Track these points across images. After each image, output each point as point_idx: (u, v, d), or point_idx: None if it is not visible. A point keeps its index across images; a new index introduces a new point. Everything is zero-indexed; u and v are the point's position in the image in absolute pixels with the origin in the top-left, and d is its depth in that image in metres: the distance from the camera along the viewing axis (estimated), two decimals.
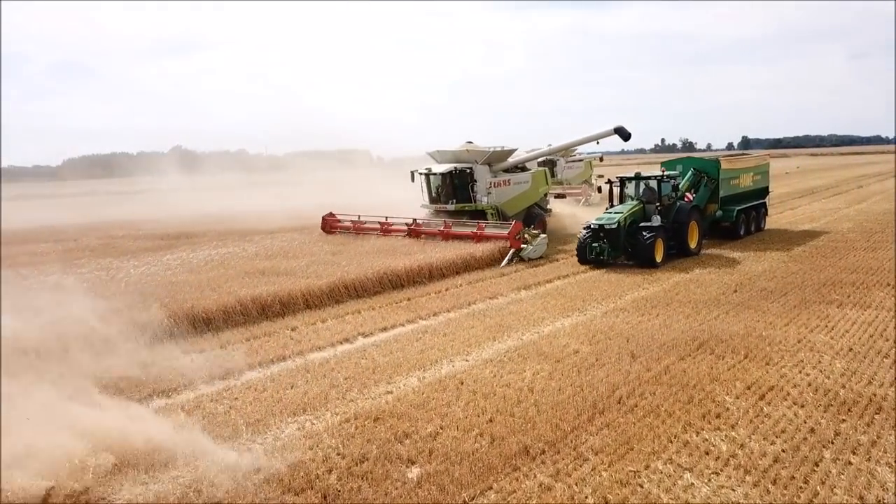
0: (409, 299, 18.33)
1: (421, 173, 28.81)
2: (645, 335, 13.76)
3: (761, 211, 30.09)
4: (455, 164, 28.44)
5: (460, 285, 19.70)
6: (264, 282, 18.76)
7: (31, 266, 23.06)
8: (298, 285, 18.11)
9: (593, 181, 52.75)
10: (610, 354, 12.61)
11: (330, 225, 29.89)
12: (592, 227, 22.17)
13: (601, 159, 55.48)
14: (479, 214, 27.47)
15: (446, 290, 19.39)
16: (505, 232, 24.27)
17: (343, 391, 11.30)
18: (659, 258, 21.72)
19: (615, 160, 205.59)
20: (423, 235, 26.09)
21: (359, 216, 29.24)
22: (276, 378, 12.10)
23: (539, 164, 48.03)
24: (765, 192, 30.87)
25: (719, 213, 26.66)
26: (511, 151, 30.03)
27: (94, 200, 67.33)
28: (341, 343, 14.39)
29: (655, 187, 23.48)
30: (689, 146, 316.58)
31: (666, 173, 23.95)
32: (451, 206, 27.91)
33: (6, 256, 25.84)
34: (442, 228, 25.84)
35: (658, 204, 23.04)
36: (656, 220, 22.57)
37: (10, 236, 33.98)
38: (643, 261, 21.52)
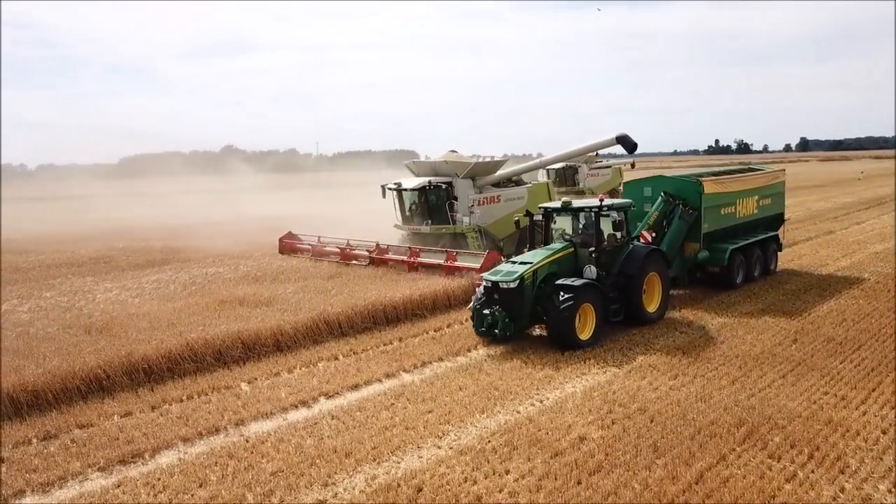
0: (400, 339, 15.54)
1: (390, 188, 24.46)
2: (675, 413, 10.66)
3: (770, 248, 21.80)
4: (429, 179, 23.99)
5: (465, 321, 16.75)
6: (234, 316, 16.20)
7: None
8: (270, 322, 15.47)
9: (621, 190, 49.17)
10: (625, 445, 9.57)
11: (289, 247, 26.25)
12: (485, 284, 15.17)
13: (633, 166, 51.03)
14: (460, 238, 23.53)
15: (447, 326, 16.56)
16: (477, 265, 19.54)
17: (261, 496, 8.55)
18: (586, 334, 14.43)
19: (665, 161, 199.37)
20: (390, 263, 22.22)
21: (318, 238, 25.48)
22: (189, 468, 9.41)
23: (556, 172, 44.40)
24: (777, 220, 22.81)
25: (704, 254, 19.23)
26: (500, 163, 25.48)
27: (131, 202, 66.40)
28: (296, 407, 11.68)
29: (590, 223, 16.09)
30: (743, 147, 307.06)
31: (607, 202, 16.10)
32: (425, 228, 23.83)
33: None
34: (407, 257, 21.65)
35: (593, 249, 15.69)
36: (590, 272, 15.41)
37: (14, 244, 32.49)
38: (557, 339, 14.39)
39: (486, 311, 14.64)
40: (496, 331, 14.51)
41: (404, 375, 13.17)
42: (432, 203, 23.97)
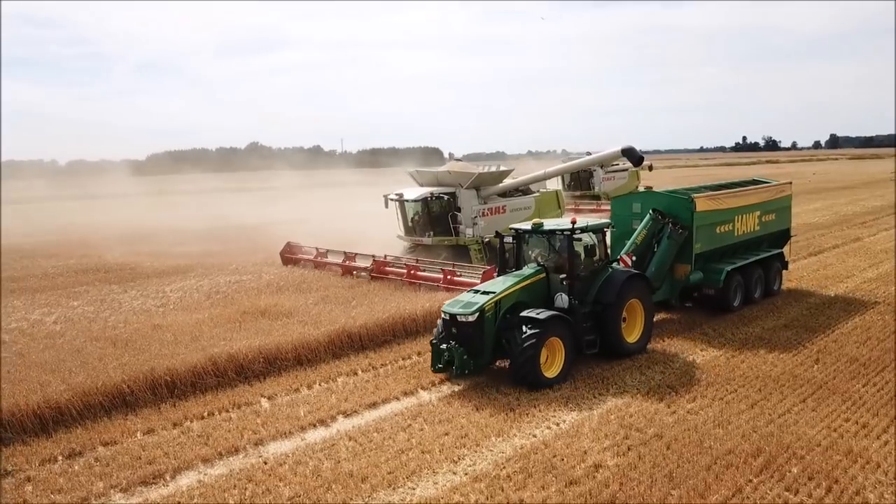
0: (419, 354, 15.60)
1: (392, 199, 23.93)
2: (692, 440, 10.60)
3: (773, 267, 20.36)
4: (431, 190, 23.53)
5: None
6: (256, 328, 16.44)
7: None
8: (291, 336, 15.64)
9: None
10: (641, 475, 9.55)
11: (291, 259, 25.51)
12: (443, 316, 13.96)
13: (650, 168, 50.15)
14: (462, 250, 23.10)
15: None
16: (476, 280, 18.69)
17: None
18: (553, 372, 13.18)
19: (690, 159, 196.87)
20: (390, 276, 21.70)
21: (316, 249, 24.92)
22: (209, 491, 9.57)
23: (571, 176, 43.84)
24: (782, 237, 21.44)
25: (696, 275, 17.95)
26: (505, 173, 25.08)
27: (158, 202, 67.32)
28: (314, 426, 11.81)
29: (563, 246, 14.67)
30: (772, 144, 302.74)
31: (581, 223, 14.72)
32: (427, 240, 23.44)
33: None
34: (405, 272, 21.18)
35: (565, 276, 14.38)
36: (561, 301, 14.27)
37: (43, 247, 33.15)
38: (519, 378, 13.07)
39: (444, 347, 13.47)
40: (457, 369, 13.33)
41: (422, 393, 13.24)
42: (435, 214, 23.61)
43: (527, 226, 15.05)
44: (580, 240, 14.57)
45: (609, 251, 15.68)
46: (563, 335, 13.43)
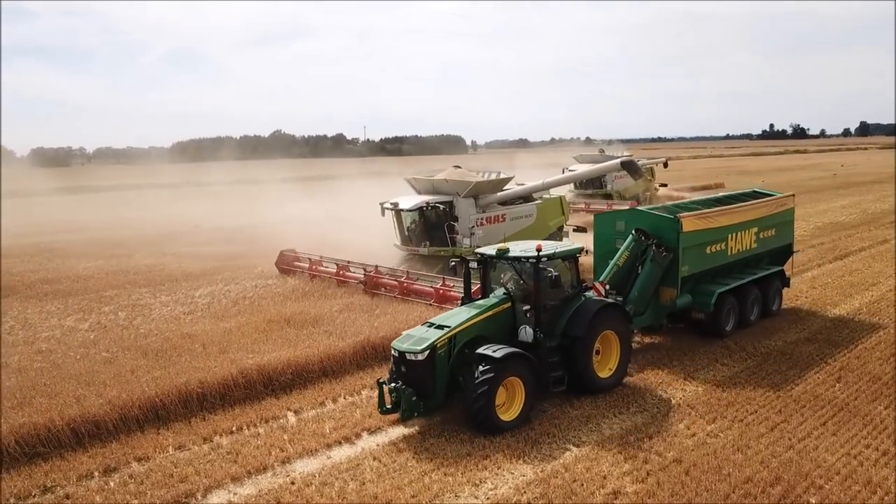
0: None
1: (387, 208, 23.23)
2: (711, 465, 10.72)
3: (772, 286, 19.00)
4: (427, 199, 22.92)
5: None
6: (283, 338, 16.82)
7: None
8: (318, 348, 15.96)
9: (657, 190, 47.47)
10: (660, 502, 9.73)
11: (288, 268, 24.67)
12: (393, 353, 12.90)
13: (665, 164, 49.33)
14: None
15: None
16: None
17: None
18: (511, 414, 12.24)
19: (716, 147, 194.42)
20: (383, 289, 20.82)
21: (310, 258, 24.11)
22: None
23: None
24: (783, 253, 20.17)
25: (683, 299, 16.69)
26: (504, 181, 24.41)
27: (185, 195, 68.12)
28: (339, 443, 12.12)
29: (528, 275, 13.51)
30: (800, 132, 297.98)
31: (548, 251, 13.47)
32: (423, 250, 22.91)
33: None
34: (400, 281, 20.40)
35: (528, 307, 13.44)
36: (525, 334, 13.31)
37: (77, 245, 33.85)
38: (471, 421, 12.11)
39: (393, 386, 12.50)
40: (406, 411, 12.23)
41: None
42: (431, 224, 23.06)
43: (491, 250, 13.92)
44: (546, 266, 13.20)
45: (579, 279, 14.21)
46: (524, 375, 12.37)
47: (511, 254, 13.56)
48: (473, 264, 14.18)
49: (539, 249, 13.26)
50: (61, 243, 35.16)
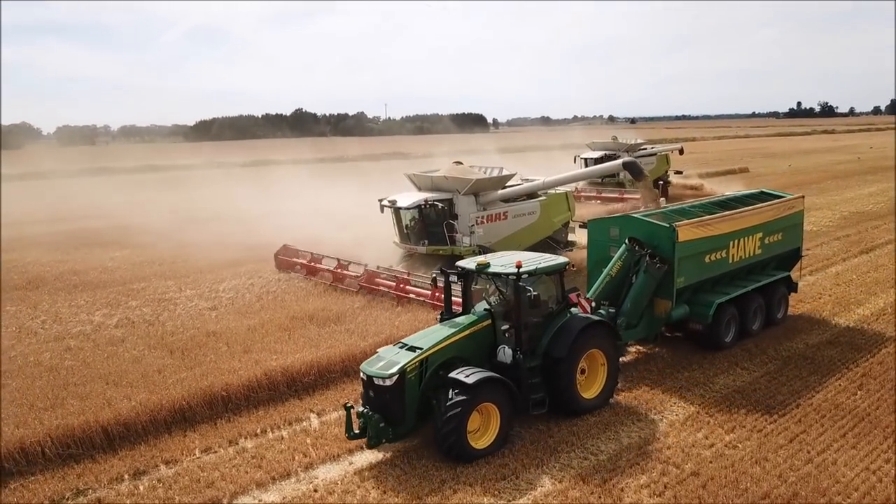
0: None
1: (385, 205, 22.57)
2: (729, 479, 10.81)
3: (777, 293, 18.22)
4: (426, 196, 22.22)
5: None
6: (305, 338, 17.08)
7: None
8: (340, 348, 16.20)
9: (671, 178, 46.38)
10: None
11: (286, 264, 24.30)
12: (362, 375, 12.29)
13: (681, 151, 48.26)
14: (457, 260, 21.98)
15: None
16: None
17: None
18: (485, 441, 11.72)
19: (742, 126, 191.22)
20: (381, 289, 20.32)
21: (311, 254, 23.56)
22: None
23: (595, 162, 42.05)
24: (790, 258, 19.30)
25: (680, 311, 15.99)
26: (506, 178, 23.63)
27: (211, 177, 68.55)
28: (361, 449, 12.31)
29: (508, 292, 12.98)
30: (828, 110, 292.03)
31: (529, 266, 12.63)
32: (422, 249, 22.42)
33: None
34: (395, 284, 19.91)
35: (507, 327, 12.89)
36: (504, 355, 12.71)
37: (104, 233, 34.39)
38: (441, 448, 11.59)
39: (360, 411, 11.90)
40: (374, 438, 11.66)
41: None
42: (430, 222, 22.47)
43: (471, 264, 13.25)
44: (527, 283, 12.52)
45: (564, 295, 13.42)
46: (499, 400, 11.83)
47: (491, 269, 12.87)
48: (454, 277, 13.43)
49: (519, 266, 12.45)
50: (89, 231, 35.73)
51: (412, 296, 19.70)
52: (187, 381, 14.36)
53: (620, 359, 14.37)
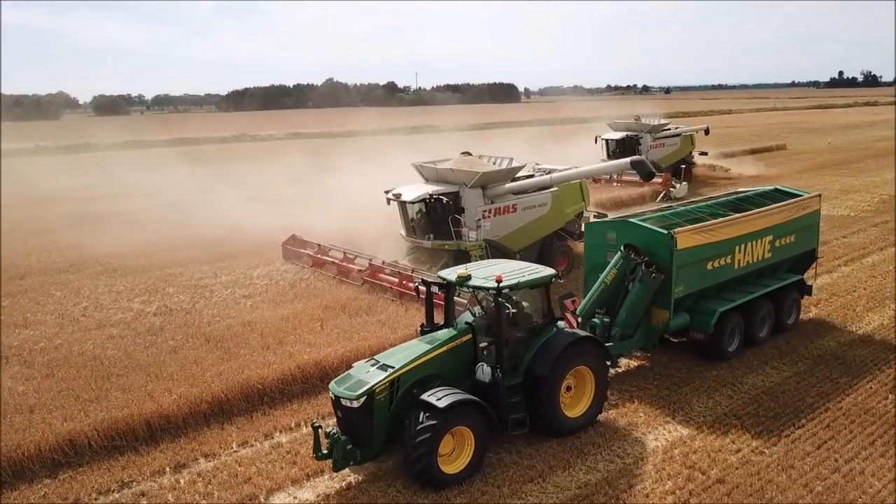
0: None
1: (390, 198, 22.16)
2: (754, 488, 10.92)
3: (788, 298, 17.34)
4: (431, 190, 21.64)
5: None
6: (338, 329, 17.47)
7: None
8: (370, 339, 16.55)
9: (695, 160, 45.32)
10: None
11: (292, 252, 24.25)
12: (331, 395, 11.76)
13: (707, 132, 46.89)
14: (463, 255, 20.98)
15: None
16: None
17: None
18: (457, 466, 11.26)
19: (780, 96, 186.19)
20: (384, 285, 20.19)
21: (318, 245, 23.47)
22: None
23: (617, 143, 41.07)
24: (805, 260, 18.60)
25: (678, 320, 15.34)
26: (515, 170, 22.91)
27: (239, 153, 68.94)
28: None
29: (488, 307, 12.77)
30: (871, 80, 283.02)
31: (510, 280, 11.96)
32: (427, 243, 21.97)
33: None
34: (398, 280, 19.66)
35: (486, 343, 12.51)
36: (483, 373, 12.22)
37: (144, 213, 35.09)
38: (411, 472, 11.15)
39: (328, 432, 11.50)
40: (342, 460, 11.23)
41: None
42: (436, 215, 22.01)
43: (452, 275, 12.57)
44: (508, 295, 12.07)
45: (549, 309, 12.87)
46: (473, 424, 11.31)
47: (472, 282, 12.17)
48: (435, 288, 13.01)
49: (499, 280, 11.75)
50: (127, 210, 36.53)
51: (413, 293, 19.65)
52: (225, 374, 14.83)
53: (611, 372, 13.89)
